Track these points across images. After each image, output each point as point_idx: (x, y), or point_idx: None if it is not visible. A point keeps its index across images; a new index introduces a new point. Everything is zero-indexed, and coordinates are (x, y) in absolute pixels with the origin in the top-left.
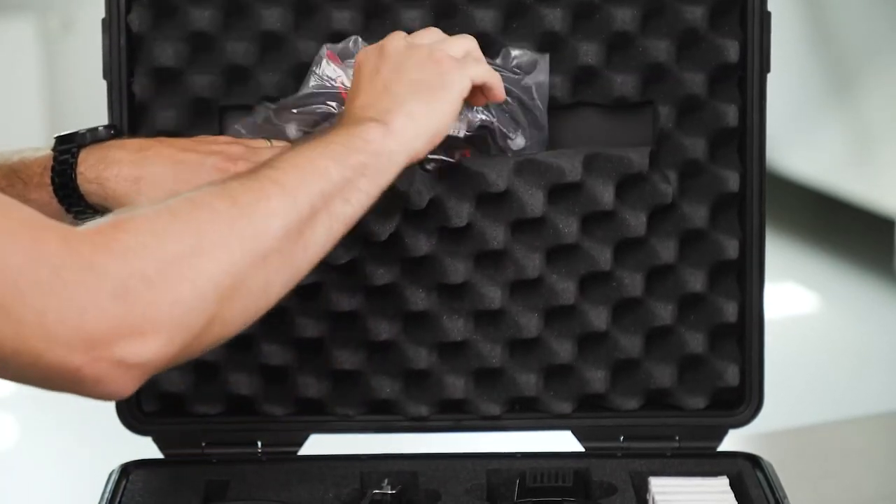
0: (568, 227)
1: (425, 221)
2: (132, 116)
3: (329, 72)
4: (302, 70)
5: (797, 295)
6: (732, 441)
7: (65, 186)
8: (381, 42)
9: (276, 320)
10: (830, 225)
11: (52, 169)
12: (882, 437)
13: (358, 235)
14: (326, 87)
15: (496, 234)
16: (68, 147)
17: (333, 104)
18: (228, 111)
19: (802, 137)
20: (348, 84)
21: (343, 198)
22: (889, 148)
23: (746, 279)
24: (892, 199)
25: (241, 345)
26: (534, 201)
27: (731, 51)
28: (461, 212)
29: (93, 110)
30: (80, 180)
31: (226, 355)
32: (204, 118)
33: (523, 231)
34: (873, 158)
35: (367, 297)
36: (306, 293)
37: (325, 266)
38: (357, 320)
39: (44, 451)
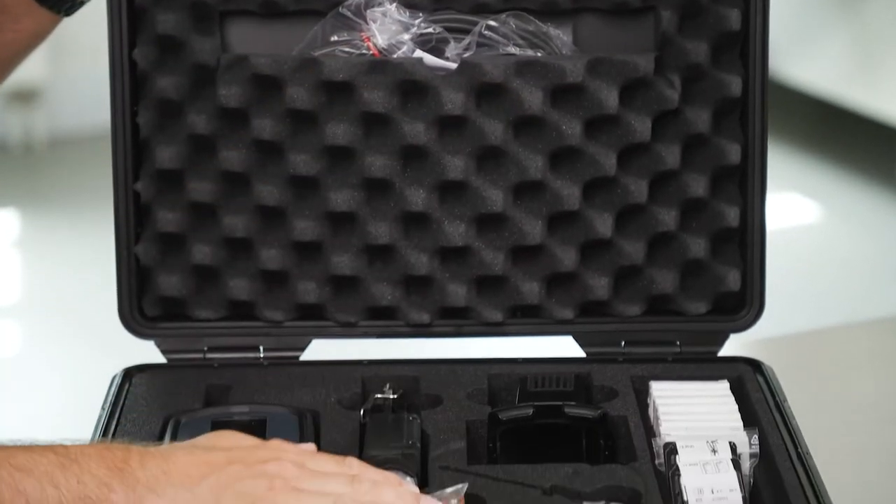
0: (571, 130)
1: (421, 109)
2: (131, 21)
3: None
4: None
5: (799, 205)
6: (734, 347)
7: None
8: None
9: (275, 223)
10: (833, 134)
11: None
12: (881, 342)
13: (353, 116)
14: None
15: (494, 130)
16: None
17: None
18: (229, 17)
19: (806, 45)
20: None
21: None
22: (894, 56)
23: (748, 184)
24: None
25: (240, 249)
26: (532, 99)
27: None
28: (456, 100)
29: (91, 19)
30: None
31: (225, 260)
32: (204, 23)
33: (525, 131)
34: (878, 66)
35: (365, 193)
36: (302, 191)
37: (320, 156)
38: (356, 223)
39: (48, 357)
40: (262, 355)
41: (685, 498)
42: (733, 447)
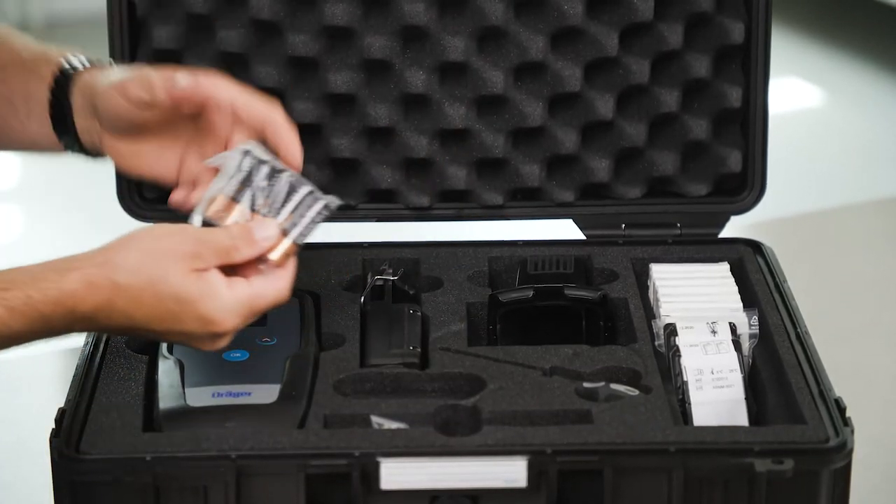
0: (573, 9)
1: None
2: None
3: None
4: None
5: (800, 89)
6: (734, 229)
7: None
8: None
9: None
10: (834, 16)
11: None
12: (880, 224)
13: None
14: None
15: (495, 10)
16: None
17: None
18: None
19: None
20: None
21: None
22: None
23: (751, 64)
24: None
25: None
26: None
27: None
28: None
29: None
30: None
31: None
32: None
33: (526, 11)
34: None
35: (365, 74)
36: (301, 72)
37: (319, 37)
38: (355, 104)
39: (48, 238)
40: None
41: (685, 378)
42: (733, 328)
